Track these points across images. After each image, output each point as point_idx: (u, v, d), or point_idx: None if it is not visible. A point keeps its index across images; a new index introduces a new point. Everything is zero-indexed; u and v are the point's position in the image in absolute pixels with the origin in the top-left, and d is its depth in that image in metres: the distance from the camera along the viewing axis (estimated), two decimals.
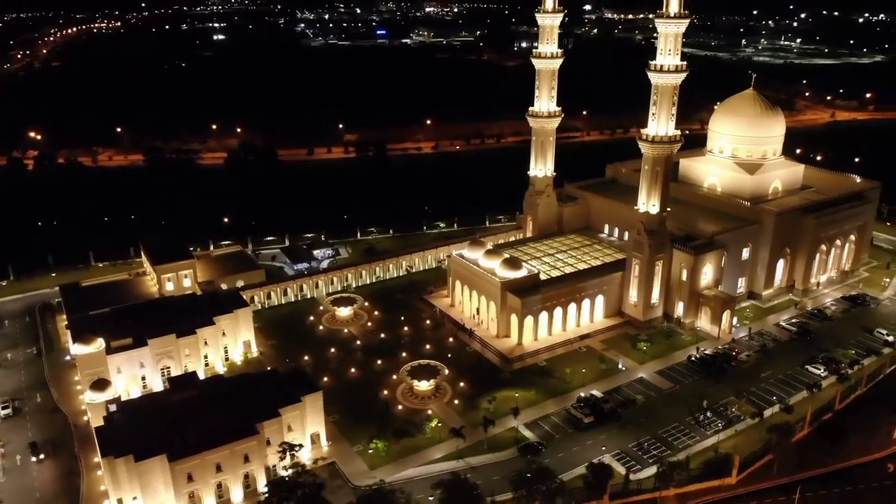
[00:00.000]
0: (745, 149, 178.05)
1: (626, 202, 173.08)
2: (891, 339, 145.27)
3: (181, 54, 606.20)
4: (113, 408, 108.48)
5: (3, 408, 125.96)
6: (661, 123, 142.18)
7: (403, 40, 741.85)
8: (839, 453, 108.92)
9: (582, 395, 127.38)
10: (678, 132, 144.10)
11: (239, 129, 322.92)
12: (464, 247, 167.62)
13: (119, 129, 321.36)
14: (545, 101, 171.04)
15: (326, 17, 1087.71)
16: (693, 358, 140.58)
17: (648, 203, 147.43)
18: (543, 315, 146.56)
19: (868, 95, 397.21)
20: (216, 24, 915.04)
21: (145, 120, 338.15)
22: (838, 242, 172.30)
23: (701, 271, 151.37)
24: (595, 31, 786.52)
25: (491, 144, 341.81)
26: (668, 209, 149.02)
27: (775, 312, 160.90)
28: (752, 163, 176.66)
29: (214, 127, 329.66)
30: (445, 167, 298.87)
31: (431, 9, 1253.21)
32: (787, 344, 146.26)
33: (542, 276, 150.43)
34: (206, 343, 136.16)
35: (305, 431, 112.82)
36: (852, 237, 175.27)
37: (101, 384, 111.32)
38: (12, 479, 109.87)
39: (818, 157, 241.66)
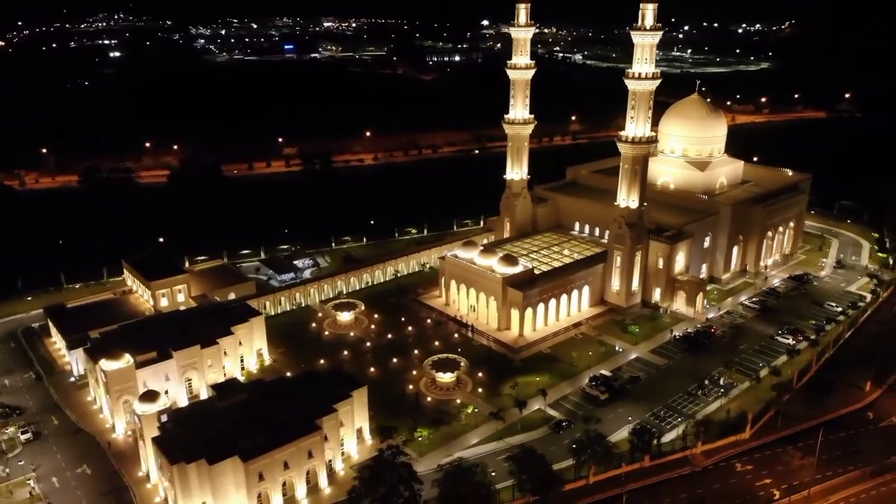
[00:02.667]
0: (694, 148, 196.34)
1: (593, 201, 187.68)
2: (839, 309, 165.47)
3: (80, 73, 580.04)
4: (164, 418, 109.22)
5: (24, 433, 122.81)
6: (639, 125, 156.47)
7: (313, 55, 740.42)
8: (828, 406, 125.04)
9: (594, 375, 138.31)
10: (654, 133, 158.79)
11: (175, 146, 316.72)
12: (451, 249, 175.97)
13: (45, 151, 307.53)
14: (520, 109, 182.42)
15: (223, 32, 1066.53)
16: (677, 336, 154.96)
17: (629, 199, 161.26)
18: (540, 307, 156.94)
19: (763, 100, 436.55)
20: (107, 42, 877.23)
21: (68, 140, 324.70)
22: (780, 229, 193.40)
23: (675, 259, 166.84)
24: (499, 45, 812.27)
25: (429, 155, 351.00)
26: (646, 203, 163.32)
27: (735, 294, 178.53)
28: (701, 161, 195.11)
29: (148, 145, 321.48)
30: (393, 177, 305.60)
31: (330, 23, 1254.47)
32: (753, 319, 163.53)
33: (535, 272, 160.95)
34: (224, 353, 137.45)
35: (353, 426, 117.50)
36: (791, 224, 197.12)
37: (151, 395, 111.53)
38: (59, 502, 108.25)
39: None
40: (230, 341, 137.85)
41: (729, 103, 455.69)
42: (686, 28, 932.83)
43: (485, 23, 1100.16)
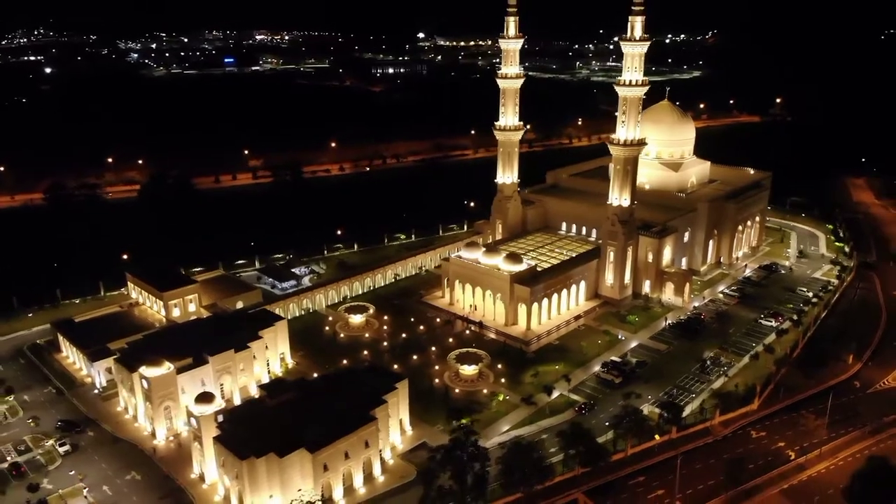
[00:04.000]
0: (667, 151, 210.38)
1: (579, 202, 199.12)
2: (810, 294, 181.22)
3: (15, 90, 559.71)
4: (220, 418, 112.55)
5: (61, 445, 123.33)
6: (629, 129, 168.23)
7: (254, 67, 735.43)
8: (820, 377, 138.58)
9: (605, 361, 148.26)
10: (643, 136, 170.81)
11: (140, 161, 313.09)
12: (444, 252, 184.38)
13: (1, 169, 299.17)
14: (510, 117, 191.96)
15: (154, 46, 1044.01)
16: (671, 324, 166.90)
17: (621, 197, 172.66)
18: (544, 302, 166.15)
19: (702, 106, 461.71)
20: (34, 58, 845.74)
21: (21, 158, 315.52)
22: (748, 223, 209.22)
23: (662, 253, 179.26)
24: (440, 57, 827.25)
25: (393, 164, 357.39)
26: (636, 202, 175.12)
27: (713, 284, 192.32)
28: (674, 162, 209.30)
29: (110, 160, 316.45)
30: (365, 187, 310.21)
31: (262, 36, 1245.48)
32: (736, 306, 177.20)
33: (537, 269, 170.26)
34: (254, 357, 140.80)
35: (398, 417, 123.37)
36: (757, 218, 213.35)
37: (206, 397, 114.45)
38: None
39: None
40: (259, 345, 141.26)
41: None
42: (615, 39, 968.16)
43: (420, 35, 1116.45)
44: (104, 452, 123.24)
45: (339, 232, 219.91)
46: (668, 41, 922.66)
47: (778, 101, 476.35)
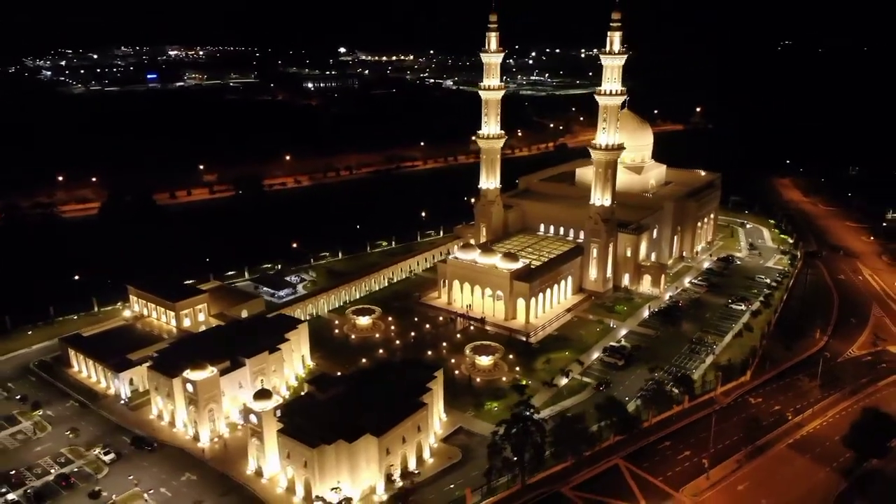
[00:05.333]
0: (629, 156, 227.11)
1: (555, 205, 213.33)
2: (768, 280, 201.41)
3: None
4: (278, 413, 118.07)
5: (106, 453, 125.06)
6: (609, 135, 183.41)
7: (178, 83, 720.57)
8: (797, 350, 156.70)
9: (606, 346, 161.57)
10: (622, 141, 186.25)
11: (94, 179, 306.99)
12: (431, 256, 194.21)
13: None
14: (492, 126, 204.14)
15: (63, 63, 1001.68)
16: (654, 311, 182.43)
17: (602, 198, 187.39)
18: (540, 296, 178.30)
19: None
20: None
21: None
22: (705, 220, 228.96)
23: (639, 248, 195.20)
24: (367, 71, 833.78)
25: (346, 176, 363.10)
26: (616, 202, 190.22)
27: (680, 276, 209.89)
28: (637, 165, 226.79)
29: (61, 179, 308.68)
30: (326, 199, 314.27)
31: (175, 52, 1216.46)
32: (706, 294, 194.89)
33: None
34: (283, 359, 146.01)
35: (434, 405, 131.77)
36: (711, 216, 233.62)
37: (265, 394, 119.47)
38: None
39: None
40: (287, 347, 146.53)
41: None
42: (534, 54, 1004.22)
43: (342, 50, 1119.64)
44: (151, 458, 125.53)
45: (294, 245, 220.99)
46: (583, 55, 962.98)
47: (698, 110, 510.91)
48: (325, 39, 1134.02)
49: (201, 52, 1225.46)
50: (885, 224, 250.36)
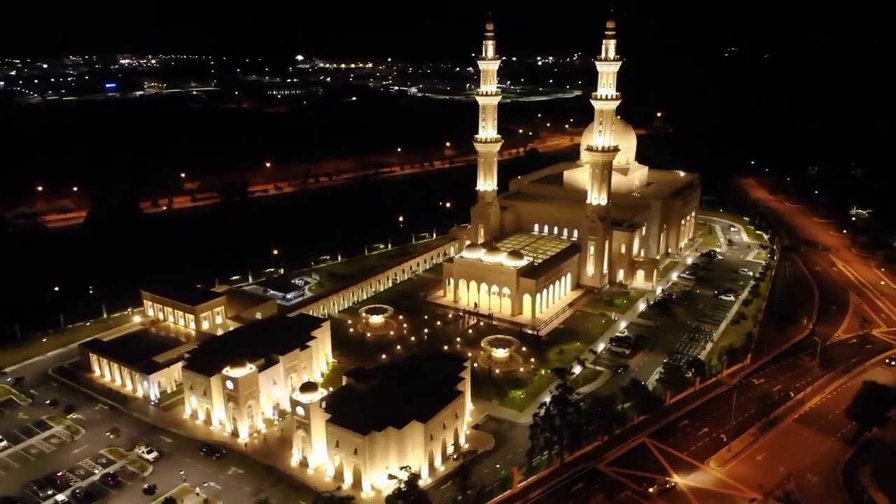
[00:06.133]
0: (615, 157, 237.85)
1: (547, 205, 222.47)
2: (751, 273, 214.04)
3: None
4: (323, 405, 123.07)
5: (148, 452, 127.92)
6: (605, 137, 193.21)
7: (138, 93, 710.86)
8: (790, 334, 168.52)
9: (612, 337, 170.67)
10: (616, 144, 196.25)
11: (75, 188, 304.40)
12: (428, 256, 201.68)
13: None
14: (490, 130, 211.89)
15: (13, 73, 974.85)
16: (650, 303, 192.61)
17: (599, 197, 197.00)
18: (544, 292, 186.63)
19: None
20: None
21: None
22: (688, 218, 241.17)
23: (633, 244, 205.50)
24: (329, 79, 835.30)
25: (326, 182, 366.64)
26: (611, 201, 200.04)
27: (668, 270, 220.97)
28: (622, 167, 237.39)
29: (40, 189, 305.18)
30: (312, 204, 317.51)
31: (126, 61, 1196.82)
32: (695, 287, 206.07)
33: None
34: (312, 356, 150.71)
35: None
36: (693, 213, 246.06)
37: (310, 386, 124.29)
38: (232, 500, 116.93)
39: None
40: (314, 345, 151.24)
41: (567, 126, 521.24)
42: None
43: (299, 57, 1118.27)
44: (193, 455, 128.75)
45: (274, 252, 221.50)
46: (539, 63, 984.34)
47: (659, 115, 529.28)
48: (281, 47, 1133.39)
49: (153, 61, 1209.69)
50: (853, 218, 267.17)
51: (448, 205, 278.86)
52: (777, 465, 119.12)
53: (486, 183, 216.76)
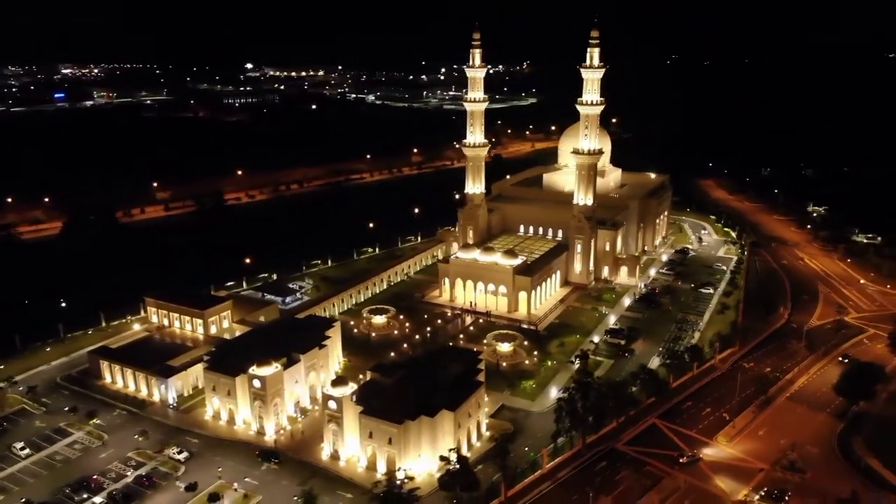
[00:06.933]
0: None
1: (531, 206, 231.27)
2: (725, 268, 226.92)
3: None
4: (353, 398, 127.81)
5: (179, 452, 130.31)
6: (591, 141, 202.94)
7: (88, 102, 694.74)
8: (770, 322, 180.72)
9: (607, 329, 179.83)
10: (601, 146, 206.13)
11: (46, 199, 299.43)
12: (421, 258, 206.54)
13: None
14: (477, 135, 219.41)
15: None
16: (636, 297, 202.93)
17: (585, 198, 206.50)
18: (538, 289, 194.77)
19: (553, 128, 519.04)
20: None
21: None
22: (661, 217, 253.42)
23: (616, 242, 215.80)
24: (282, 87, 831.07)
25: (298, 190, 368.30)
26: (596, 202, 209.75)
27: (646, 266, 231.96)
28: (599, 170, 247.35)
29: (10, 200, 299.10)
30: (288, 211, 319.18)
31: (68, 71, 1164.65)
32: (674, 281, 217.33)
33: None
34: (328, 354, 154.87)
35: None
36: (665, 213, 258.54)
37: (341, 381, 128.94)
38: (270, 493, 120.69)
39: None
40: (329, 343, 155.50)
41: (527, 133, 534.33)
42: (444, 70, 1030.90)
43: (249, 66, 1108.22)
44: (222, 453, 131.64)
45: (247, 259, 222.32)
46: (491, 72, 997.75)
47: (614, 120, 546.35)
48: (228, 55, 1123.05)
49: (96, 70, 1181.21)
50: (815, 215, 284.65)
51: (416, 210, 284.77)
52: (778, 439, 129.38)
53: (475, 186, 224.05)
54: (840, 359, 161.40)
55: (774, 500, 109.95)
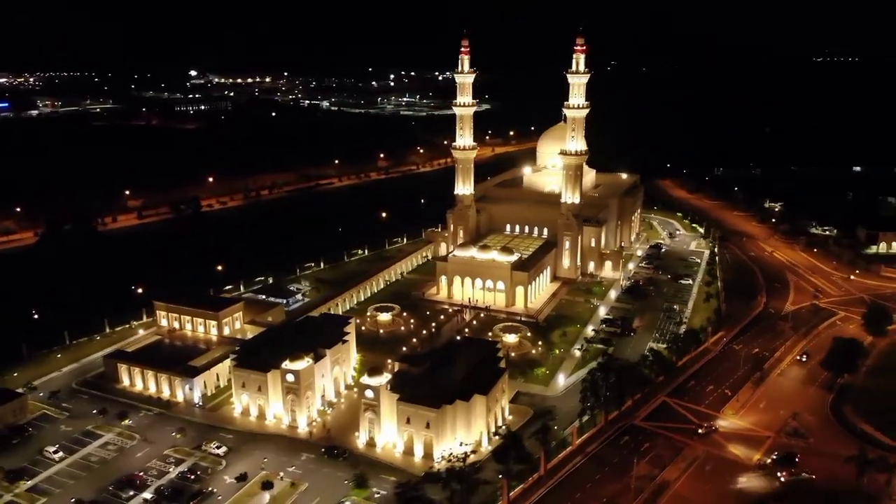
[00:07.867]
0: None
1: (516, 206, 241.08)
2: (698, 260, 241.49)
3: None
4: (388, 386, 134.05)
5: (218, 447, 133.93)
6: (577, 142, 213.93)
7: (32, 112, 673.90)
8: (752, 308, 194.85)
9: (602, 319, 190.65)
10: (585, 148, 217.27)
11: (18, 209, 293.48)
12: (415, 259, 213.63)
13: None
14: (466, 138, 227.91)
15: None
16: (622, 290, 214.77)
17: (572, 196, 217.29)
18: (533, 284, 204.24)
19: (511, 133, 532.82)
20: None
21: None
22: (636, 214, 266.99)
23: (601, 238, 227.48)
24: (232, 94, 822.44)
25: (268, 195, 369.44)
26: (582, 200, 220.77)
27: (626, 261, 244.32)
28: None
29: None
30: (261, 216, 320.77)
31: (5, 80, 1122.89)
32: (654, 274, 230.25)
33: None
34: (349, 350, 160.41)
35: None
36: (639, 210, 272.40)
37: (376, 370, 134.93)
38: (314, 480, 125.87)
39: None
40: (350, 338, 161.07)
41: (487, 138, 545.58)
42: (392, 76, 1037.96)
43: (193, 73, 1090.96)
44: (259, 447, 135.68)
45: (219, 267, 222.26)
46: (440, 78, 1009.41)
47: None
48: (169, 61, 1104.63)
49: (31, 79, 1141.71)
50: (776, 210, 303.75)
51: (385, 215, 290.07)
52: (778, 410, 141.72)
53: (464, 187, 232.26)
54: (798, 357, 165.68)
55: (787, 461, 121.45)
